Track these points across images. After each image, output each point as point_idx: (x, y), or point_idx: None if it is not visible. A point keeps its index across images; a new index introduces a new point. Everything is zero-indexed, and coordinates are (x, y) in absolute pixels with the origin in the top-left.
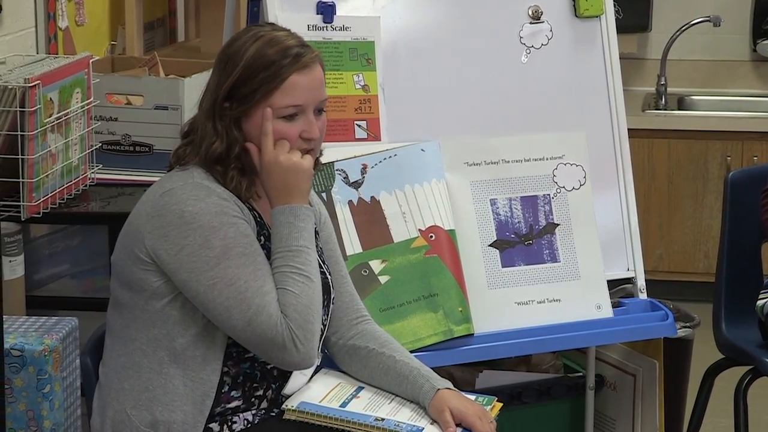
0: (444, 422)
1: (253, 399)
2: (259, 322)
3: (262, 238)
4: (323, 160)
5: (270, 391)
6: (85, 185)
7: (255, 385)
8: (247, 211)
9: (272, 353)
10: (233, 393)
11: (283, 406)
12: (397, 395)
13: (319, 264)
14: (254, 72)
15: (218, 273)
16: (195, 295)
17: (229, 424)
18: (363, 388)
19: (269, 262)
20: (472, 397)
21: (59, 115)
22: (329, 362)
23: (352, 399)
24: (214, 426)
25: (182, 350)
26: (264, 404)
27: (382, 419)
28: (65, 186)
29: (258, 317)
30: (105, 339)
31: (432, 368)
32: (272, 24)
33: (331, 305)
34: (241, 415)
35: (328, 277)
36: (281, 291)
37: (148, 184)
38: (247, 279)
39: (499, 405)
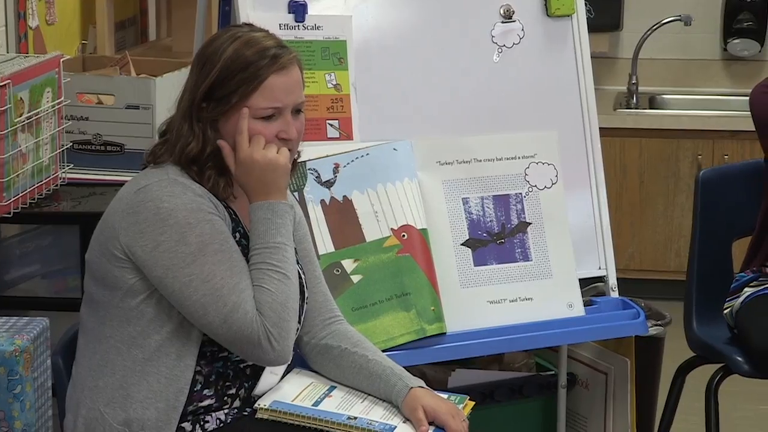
0: (417, 420)
1: (225, 398)
2: (235, 320)
3: (237, 234)
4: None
5: (242, 390)
6: (56, 185)
7: (227, 383)
8: (222, 208)
9: (247, 350)
10: (206, 391)
11: (256, 405)
12: (369, 394)
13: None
14: (232, 73)
15: (194, 270)
16: (171, 292)
17: (202, 423)
18: (335, 387)
19: (246, 259)
20: (445, 395)
21: (30, 114)
22: (301, 362)
23: (324, 398)
24: (187, 425)
25: (157, 348)
26: (236, 403)
27: (355, 418)
28: (36, 186)
29: (234, 314)
30: (78, 337)
31: (404, 367)
32: (250, 25)
33: (305, 305)
34: (213, 414)
35: (302, 276)
36: (257, 288)
37: (120, 184)
38: (223, 276)
39: (472, 403)
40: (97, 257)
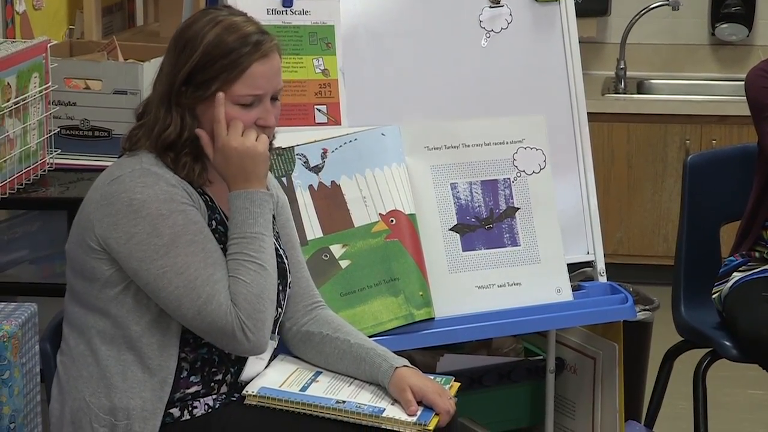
0: (406, 401)
1: (212, 384)
2: (209, 311)
3: (213, 222)
4: (283, 144)
5: (229, 376)
6: (44, 170)
7: (213, 369)
8: (196, 196)
9: (223, 341)
10: (192, 378)
11: (244, 391)
12: (355, 378)
13: (276, 249)
14: (213, 59)
15: (167, 262)
16: (146, 283)
17: (190, 409)
18: (321, 372)
19: (223, 247)
20: (431, 377)
21: (17, 99)
22: (285, 348)
23: (311, 383)
24: (175, 411)
25: (138, 337)
26: (224, 389)
27: (344, 401)
28: (23, 171)
29: (207, 306)
30: (63, 327)
31: (393, 352)
32: (229, 7)
33: (288, 290)
34: (201, 400)
35: (285, 261)
36: (233, 279)
37: None
38: (197, 267)
39: (457, 385)
40: (75, 248)
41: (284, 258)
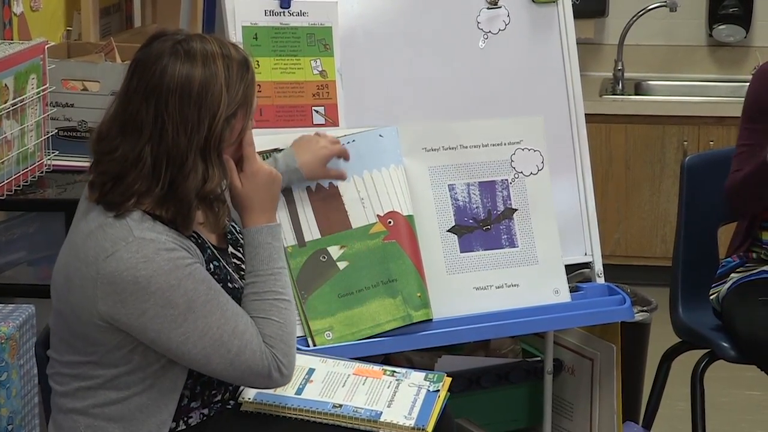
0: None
1: (211, 404)
2: (243, 360)
3: (211, 265)
4: (281, 146)
5: (227, 393)
6: (42, 172)
7: (213, 392)
8: (190, 243)
9: (257, 382)
10: (193, 404)
11: (240, 398)
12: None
13: (238, 237)
14: (241, 98)
15: (187, 328)
16: (167, 349)
17: (185, 419)
18: (314, 370)
19: (244, 280)
20: (422, 374)
21: (14, 101)
22: None
23: (306, 384)
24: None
25: (142, 381)
26: (218, 398)
27: (340, 405)
28: (21, 173)
29: (241, 356)
30: (53, 360)
31: (391, 354)
32: (211, 37)
33: None
34: (196, 411)
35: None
36: (265, 321)
37: None
38: (218, 325)
39: (449, 380)
40: (71, 315)
41: None
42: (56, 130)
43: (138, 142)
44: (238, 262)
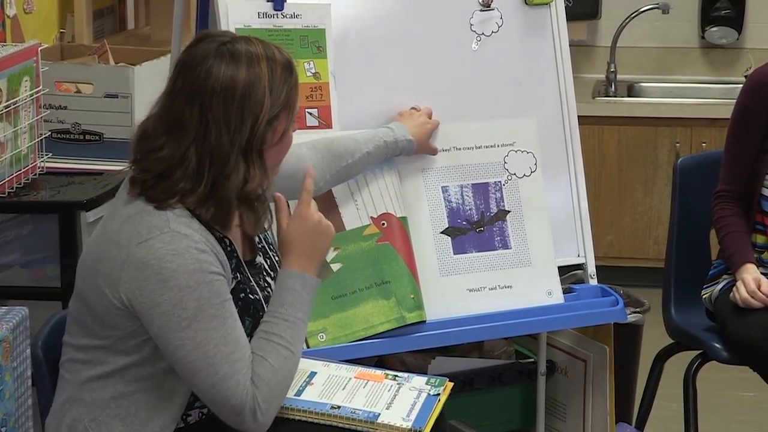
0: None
1: None
2: (225, 388)
3: (237, 274)
4: None
5: None
6: (35, 174)
7: None
8: (220, 249)
9: (227, 416)
10: (197, 403)
11: None
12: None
13: (268, 248)
14: (284, 99)
15: (188, 334)
16: (163, 348)
17: (184, 417)
18: (316, 373)
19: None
20: (424, 378)
21: (8, 103)
22: None
23: (306, 386)
24: None
25: (150, 377)
26: None
27: (338, 407)
28: (15, 175)
29: (224, 383)
30: (65, 341)
31: (385, 355)
32: (255, 39)
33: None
34: (196, 409)
35: (275, 260)
36: (260, 360)
37: (98, 173)
38: (216, 343)
39: (451, 385)
40: (94, 296)
41: (275, 257)
42: (49, 132)
43: (183, 141)
44: (266, 273)
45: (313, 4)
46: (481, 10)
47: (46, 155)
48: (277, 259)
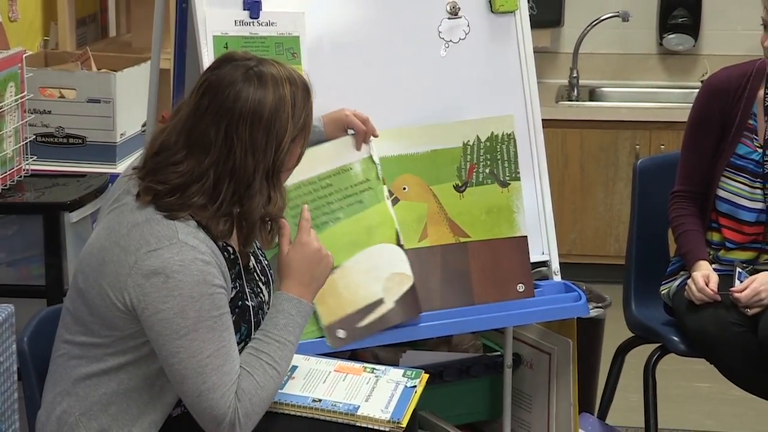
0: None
1: None
2: (210, 398)
3: (237, 283)
4: None
5: None
6: (20, 176)
7: None
8: (222, 260)
9: (207, 425)
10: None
11: None
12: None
13: (258, 253)
14: (303, 123)
15: (184, 343)
16: (158, 352)
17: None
18: (297, 367)
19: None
20: (401, 371)
21: None
22: None
23: (288, 380)
24: None
25: (144, 377)
26: None
27: (320, 400)
28: (0, 177)
29: (210, 393)
30: (58, 334)
31: (357, 349)
32: (276, 61)
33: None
34: (179, 406)
35: (267, 272)
36: (247, 375)
37: (82, 175)
38: (209, 354)
39: (426, 376)
40: (97, 297)
41: (267, 269)
42: (34, 136)
43: (204, 159)
44: (258, 278)
45: (288, 13)
46: (448, 18)
47: (31, 158)
48: (266, 263)
